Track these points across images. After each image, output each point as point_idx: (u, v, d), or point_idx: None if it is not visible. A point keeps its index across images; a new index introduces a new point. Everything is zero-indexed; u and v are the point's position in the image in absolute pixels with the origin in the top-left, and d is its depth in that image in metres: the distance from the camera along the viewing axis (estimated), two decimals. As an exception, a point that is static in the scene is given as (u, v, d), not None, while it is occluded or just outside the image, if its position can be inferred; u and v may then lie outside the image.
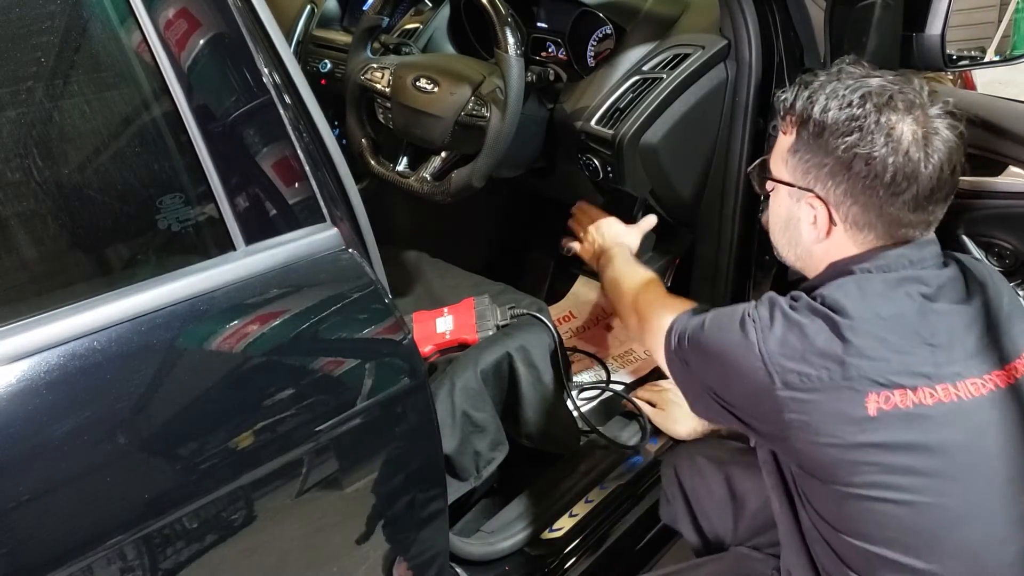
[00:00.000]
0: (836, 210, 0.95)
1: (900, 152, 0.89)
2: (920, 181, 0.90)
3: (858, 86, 0.93)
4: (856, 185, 0.92)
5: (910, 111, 0.91)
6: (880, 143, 0.90)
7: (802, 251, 1.02)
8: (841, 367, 0.88)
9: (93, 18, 0.85)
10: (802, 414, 0.89)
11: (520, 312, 1.48)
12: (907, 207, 0.92)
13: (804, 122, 0.95)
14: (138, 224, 0.86)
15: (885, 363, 0.88)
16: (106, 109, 0.85)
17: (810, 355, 0.89)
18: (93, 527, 0.76)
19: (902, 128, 0.90)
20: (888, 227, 0.94)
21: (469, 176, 1.42)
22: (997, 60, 1.95)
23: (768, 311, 0.94)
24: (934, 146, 0.90)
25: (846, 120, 0.91)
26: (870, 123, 0.90)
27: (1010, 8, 4.43)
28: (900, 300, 0.92)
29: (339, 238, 0.95)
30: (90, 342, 0.77)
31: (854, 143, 0.91)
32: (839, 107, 0.92)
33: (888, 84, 0.93)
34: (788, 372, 0.89)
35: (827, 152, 0.93)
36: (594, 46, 1.65)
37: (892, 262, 0.94)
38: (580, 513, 1.50)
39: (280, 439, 0.88)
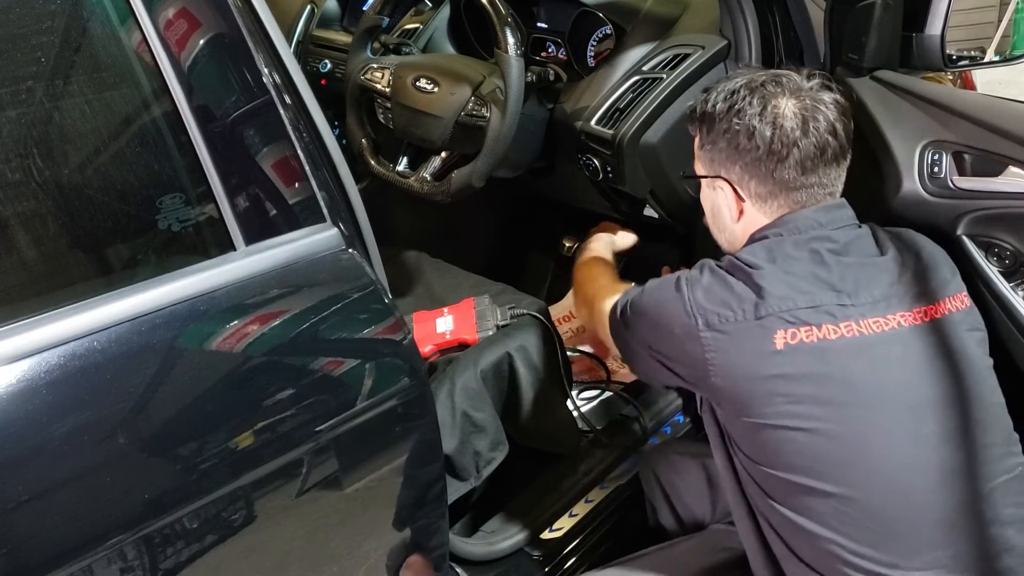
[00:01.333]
0: (740, 188, 1.06)
1: (778, 124, 1.01)
2: (802, 145, 1.01)
3: (742, 78, 1.06)
4: (746, 160, 1.03)
5: (793, 93, 1.02)
6: (758, 118, 1.01)
7: (728, 235, 1.13)
8: (755, 308, 0.97)
9: (93, 18, 0.85)
10: (720, 352, 0.98)
11: (520, 312, 1.48)
12: (795, 170, 1.02)
13: (701, 119, 1.09)
14: (138, 224, 0.86)
15: (792, 303, 0.97)
16: (106, 109, 0.85)
17: (729, 299, 0.99)
18: (93, 527, 0.76)
19: (782, 105, 1.01)
20: (786, 192, 1.04)
21: (469, 176, 1.42)
22: (997, 60, 1.95)
23: (699, 270, 1.05)
24: (814, 115, 1.01)
25: (728, 106, 1.04)
26: (748, 103, 1.02)
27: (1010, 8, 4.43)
28: (807, 254, 1.01)
29: (339, 238, 0.95)
30: (90, 342, 0.77)
31: (736, 123, 1.03)
32: (723, 98, 1.05)
33: (772, 73, 1.05)
34: (709, 314, 0.99)
35: (719, 138, 1.06)
36: (594, 46, 1.65)
37: (801, 224, 1.03)
38: (580, 513, 1.50)
39: (280, 439, 0.88)
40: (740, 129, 1.03)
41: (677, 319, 1.01)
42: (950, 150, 1.15)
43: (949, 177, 1.16)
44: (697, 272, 1.05)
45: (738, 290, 0.99)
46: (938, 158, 1.16)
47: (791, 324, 0.96)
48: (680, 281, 1.04)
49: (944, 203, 1.16)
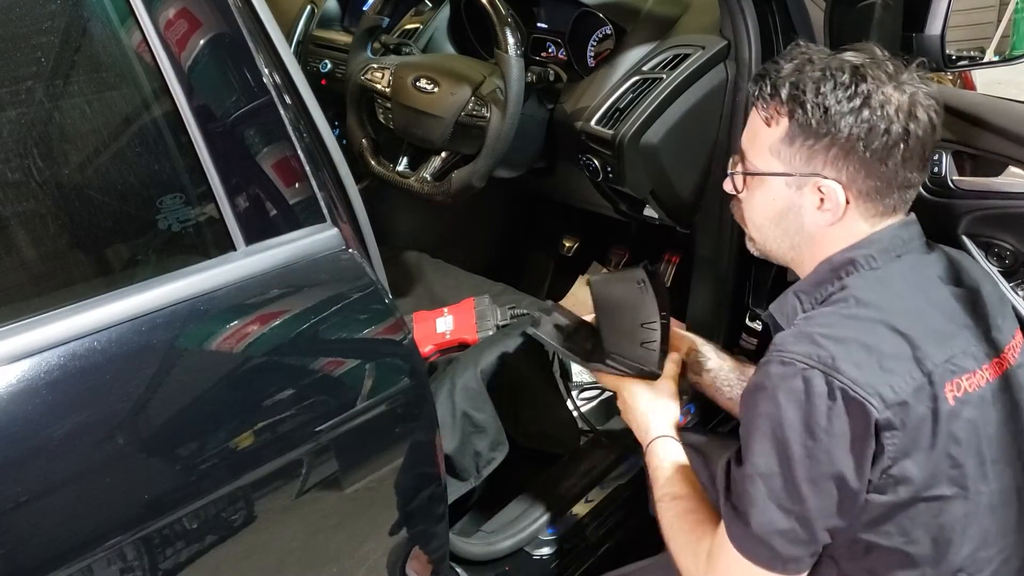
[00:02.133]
0: (850, 187, 0.94)
1: (899, 119, 0.91)
2: (925, 140, 0.92)
3: (841, 62, 0.94)
4: (869, 158, 0.92)
5: (892, 80, 0.93)
6: (883, 114, 0.91)
7: (800, 239, 1.00)
8: (917, 364, 0.86)
9: (93, 18, 0.85)
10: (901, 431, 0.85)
11: (520, 312, 1.48)
12: (915, 167, 0.93)
13: (798, 109, 0.94)
14: (138, 224, 0.86)
15: (944, 348, 0.88)
16: (106, 109, 0.85)
17: (886, 362, 0.85)
18: (93, 527, 0.76)
19: (894, 97, 0.91)
20: (900, 192, 0.95)
21: (469, 176, 1.42)
22: (997, 60, 1.95)
23: (806, 349, 0.87)
24: (921, 107, 0.92)
25: (848, 98, 0.91)
26: (873, 96, 0.91)
27: (1009, 8, 4.43)
28: (933, 280, 0.94)
29: (339, 238, 0.95)
30: (90, 342, 0.77)
31: (865, 117, 0.91)
32: (833, 88, 0.92)
33: (864, 58, 0.94)
34: (880, 387, 0.84)
35: (834, 133, 0.92)
36: (594, 46, 1.65)
37: (888, 243, 0.95)
38: (580, 513, 1.50)
39: (280, 439, 0.88)
40: (870, 125, 0.90)
41: (844, 420, 0.84)
42: (950, 150, 1.15)
43: (949, 177, 1.16)
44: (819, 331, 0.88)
45: (886, 347, 0.86)
46: (938, 158, 1.16)
47: (954, 373, 0.87)
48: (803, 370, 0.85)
49: (944, 203, 1.16)
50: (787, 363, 0.87)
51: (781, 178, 0.98)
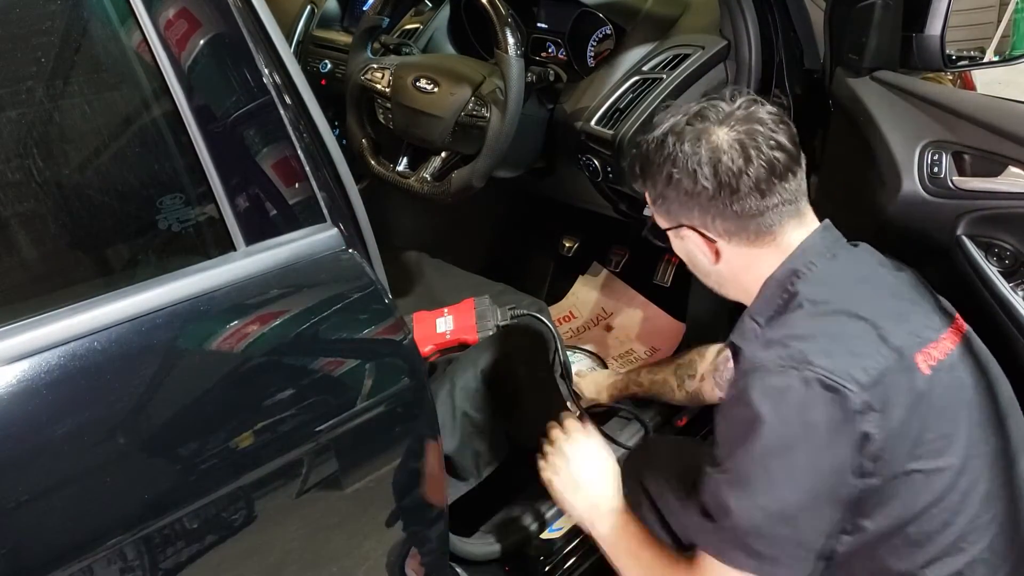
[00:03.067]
0: (706, 230, 0.99)
1: (718, 158, 0.93)
2: (750, 172, 0.93)
3: (666, 123, 0.98)
4: (701, 202, 0.96)
5: (722, 122, 0.95)
6: (696, 159, 0.94)
7: (717, 279, 1.05)
8: (883, 341, 0.88)
9: (93, 18, 0.85)
10: (882, 410, 0.86)
11: (520, 312, 1.48)
12: (753, 197, 0.94)
13: (642, 175, 1.01)
14: (138, 224, 0.86)
15: (904, 324, 0.90)
16: (106, 109, 0.85)
17: (854, 345, 0.88)
18: (93, 527, 0.76)
19: (715, 137, 0.94)
20: (754, 219, 0.96)
21: (469, 176, 1.42)
22: (997, 60, 1.95)
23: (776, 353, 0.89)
24: (751, 137, 0.93)
25: (663, 156, 0.97)
26: (680, 148, 0.95)
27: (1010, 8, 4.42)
28: (874, 269, 0.97)
29: (339, 238, 0.95)
30: (90, 342, 0.77)
31: (676, 171, 0.95)
32: (655, 148, 0.98)
33: (695, 108, 0.97)
34: (855, 371, 0.86)
35: (666, 189, 0.98)
36: (594, 46, 1.65)
37: (820, 247, 0.97)
38: (580, 513, 1.50)
39: (280, 439, 0.88)
40: (681, 176, 0.95)
41: (822, 410, 0.85)
42: (950, 150, 1.15)
43: (949, 177, 1.15)
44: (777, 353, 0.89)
45: (850, 330, 0.90)
46: (938, 158, 1.16)
47: (921, 344, 0.90)
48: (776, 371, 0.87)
49: (944, 203, 1.16)
50: (759, 368, 0.89)
51: (671, 233, 1.04)
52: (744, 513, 0.89)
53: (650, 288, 2.06)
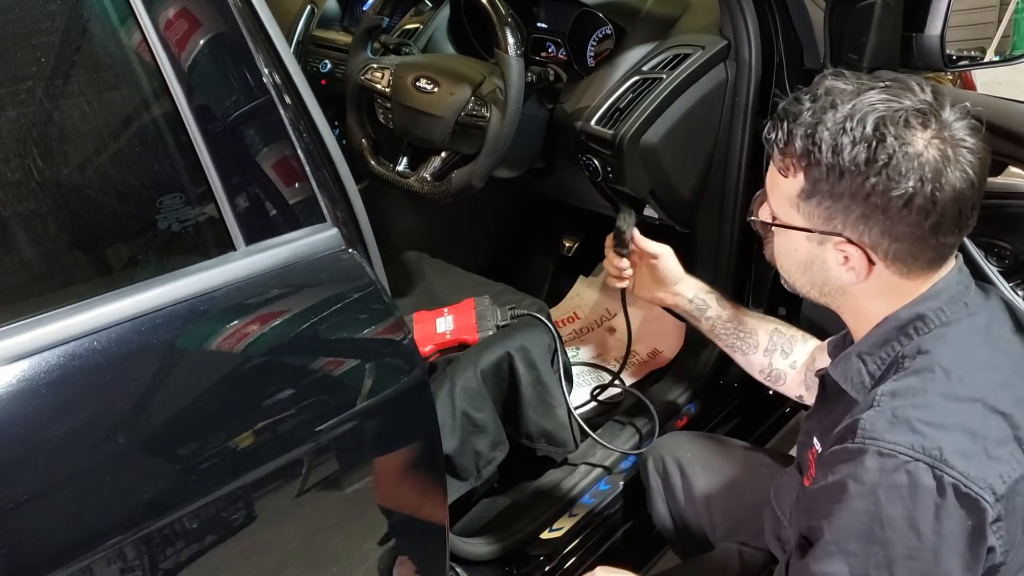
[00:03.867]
0: (874, 251, 0.85)
1: (933, 180, 0.79)
2: (960, 201, 0.81)
3: (864, 111, 0.81)
4: (894, 224, 0.82)
5: (927, 126, 0.80)
6: (911, 176, 0.79)
7: (831, 290, 0.92)
8: (1019, 444, 0.80)
9: (93, 18, 0.85)
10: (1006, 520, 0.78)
11: (520, 312, 1.48)
12: (952, 232, 0.83)
13: (813, 164, 0.84)
14: (138, 224, 0.86)
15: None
16: (106, 109, 0.85)
17: (992, 448, 0.78)
18: (93, 527, 0.76)
19: (927, 151, 0.80)
20: (937, 251, 0.85)
21: (469, 176, 1.42)
22: (997, 60, 1.95)
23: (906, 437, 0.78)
24: (963, 160, 0.81)
25: (867, 158, 0.80)
26: (895, 155, 0.79)
27: (1010, 8, 4.42)
28: (1007, 334, 0.88)
29: (339, 238, 0.95)
30: (90, 342, 0.77)
31: (884, 182, 0.80)
32: (852, 143, 0.80)
33: (893, 100, 0.81)
34: (991, 479, 0.77)
35: (853, 195, 0.82)
36: (594, 46, 1.65)
37: (955, 292, 0.88)
38: (580, 513, 1.50)
39: (280, 439, 0.88)
40: (892, 191, 0.80)
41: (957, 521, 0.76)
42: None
43: (949, 177, 1.15)
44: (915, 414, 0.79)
45: (991, 430, 0.79)
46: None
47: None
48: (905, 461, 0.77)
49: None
50: (886, 454, 0.78)
51: (804, 232, 0.89)
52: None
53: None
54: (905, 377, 0.84)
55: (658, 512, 1.39)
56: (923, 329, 0.87)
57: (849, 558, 0.81)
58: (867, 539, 0.79)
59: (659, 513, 1.39)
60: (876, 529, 0.78)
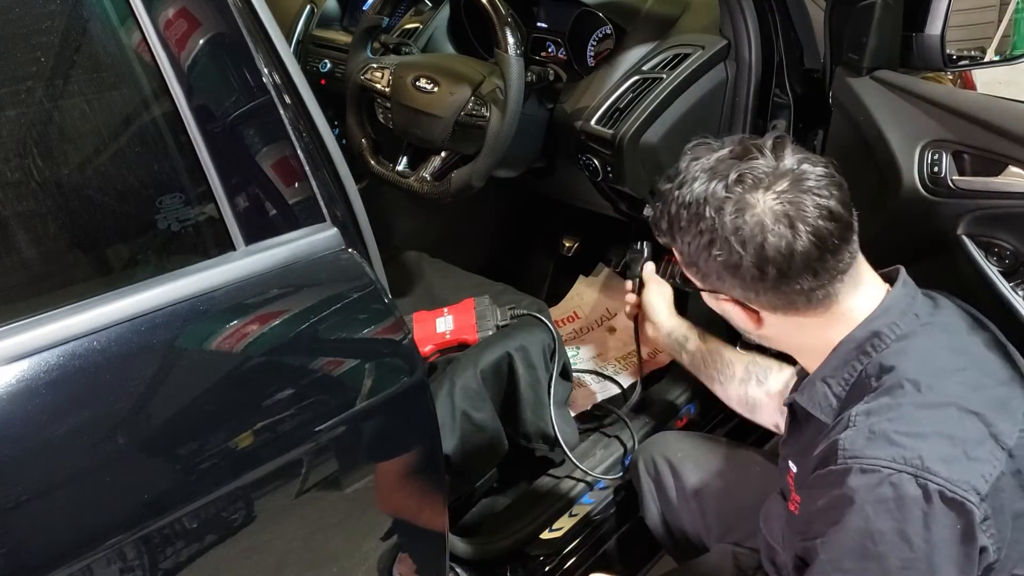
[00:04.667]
0: (749, 303, 0.91)
1: (764, 236, 0.83)
2: (800, 249, 0.83)
3: (699, 186, 0.87)
4: (747, 283, 0.87)
5: (767, 187, 0.84)
6: (737, 236, 0.84)
7: (759, 338, 0.97)
8: (996, 442, 0.81)
9: (93, 18, 0.85)
10: (996, 520, 0.79)
11: (520, 312, 1.48)
12: (805, 278, 0.85)
13: (669, 232, 0.92)
14: (138, 224, 0.86)
15: (1012, 417, 0.83)
16: (106, 109, 0.85)
17: (971, 449, 0.79)
18: (93, 527, 0.76)
19: (760, 208, 0.83)
20: (806, 296, 0.87)
21: (469, 176, 1.42)
22: (997, 60, 1.95)
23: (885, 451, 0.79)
24: (803, 209, 0.83)
25: (698, 230, 0.86)
26: (718, 220, 0.85)
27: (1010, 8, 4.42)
28: (964, 337, 0.89)
29: (339, 238, 0.95)
30: (90, 342, 0.77)
31: (717, 253, 0.86)
32: (687, 218, 0.87)
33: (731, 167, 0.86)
34: (974, 480, 0.78)
35: (702, 259, 0.89)
36: (594, 46, 1.65)
37: (904, 304, 0.90)
38: (580, 513, 1.50)
39: (280, 439, 0.88)
40: (722, 258, 0.86)
41: (947, 528, 0.77)
42: (950, 150, 1.15)
43: (949, 177, 1.15)
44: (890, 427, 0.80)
45: (968, 432, 0.80)
46: (938, 158, 1.16)
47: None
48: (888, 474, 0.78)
49: (944, 203, 1.16)
50: (868, 470, 0.79)
51: (702, 292, 0.96)
52: None
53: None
54: (877, 397, 0.85)
55: (650, 515, 1.39)
56: (880, 345, 0.88)
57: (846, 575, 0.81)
58: (861, 555, 0.80)
59: (651, 516, 1.39)
60: (869, 545, 0.79)
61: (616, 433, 1.62)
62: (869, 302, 0.91)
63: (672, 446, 1.39)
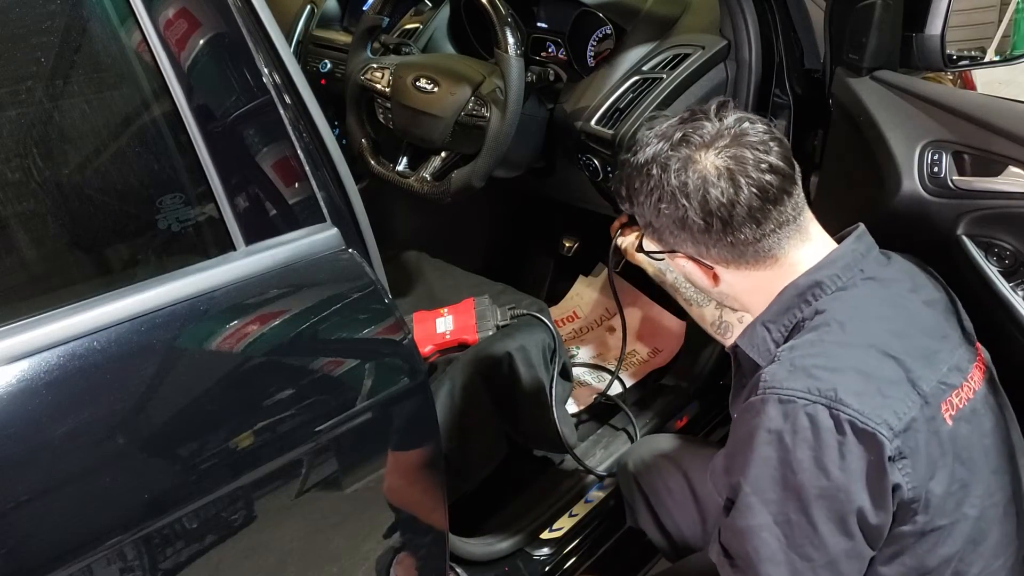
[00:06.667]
0: (702, 259, 0.95)
1: (706, 192, 0.88)
2: (741, 201, 0.87)
3: (649, 147, 0.92)
4: (695, 236, 0.91)
5: (708, 146, 0.89)
6: (682, 195, 0.89)
7: (719, 296, 1.00)
8: (912, 386, 0.84)
9: (93, 18, 0.85)
10: (912, 458, 0.82)
11: (520, 312, 1.48)
12: (749, 227, 0.89)
13: (627, 198, 0.97)
14: (138, 224, 0.86)
15: (934, 367, 0.85)
16: (106, 109, 0.85)
17: (885, 388, 0.83)
18: (93, 527, 0.76)
19: (701, 165, 0.88)
20: (753, 247, 0.91)
21: (469, 176, 1.42)
22: (997, 60, 1.95)
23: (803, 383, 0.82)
24: (740, 163, 0.87)
25: (648, 188, 0.92)
26: (665, 181, 0.90)
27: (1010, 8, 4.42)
28: (905, 293, 0.92)
29: (339, 238, 0.95)
30: (90, 342, 0.77)
31: (665, 207, 0.91)
32: (639, 181, 0.93)
33: (680, 128, 0.91)
34: (886, 415, 0.81)
35: (654, 217, 0.93)
36: (594, 46, 1.65)
37: (850, 259, 0.92)
38: (580, 513, 1.50)
39: (280, 439, 0.88)
40: (669, 212, 0.91)
41: (857, 456, 0.80)
42: (950, 150, 1.15)
43: (949, 177, 1.15)
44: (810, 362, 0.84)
45: (885, 372, 0.84)
46: (938, 158, 1.16)
47: (945, 392, 0.85)
48: (804, 404, 0.81)
49: (944, 203, 1.16)
50: (785, 400, 0.83)
51: (666, 254, 1.00)
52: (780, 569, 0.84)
53: (650, 288, 2.06)
54: (803, 335, 0.90)
55: (644, 520, 1.37)
56: (820, 295, 0.92)
57: (769, 506, 0.84)
58: (782, 485, 0.83)
59: (645, 521, 1.37)
60: (788, 474, 0.82)
61: (616, 433, 1.62)
62: (816, 257, 0.93)
63: (660, 448, 1.38)
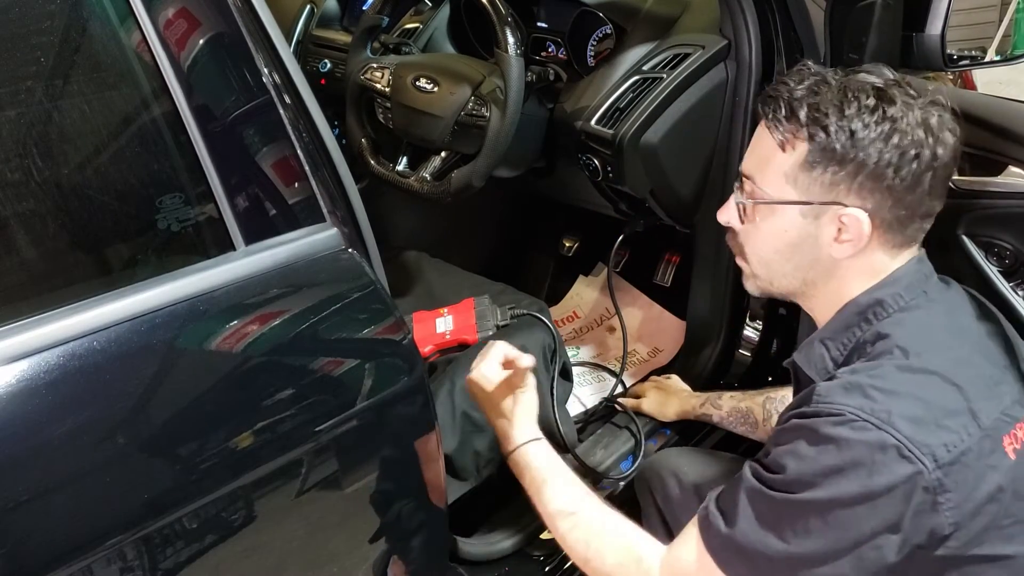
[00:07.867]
0: (874, 217, 0.88)
1: (928, 144, 0.86)
2: (947, 166, 0.88)
3: (863, 86, 0.88)
4: (897, 185, 0.87)
5: (914, 101, 0.88)
6: (913, 139, 0.86)
7: (815, 275, 0.94)
8: (973, 417, 0.82)
9: (93, 18, 0.85)
10: (958, 490, 0.80)
11: (520, 312, 1.48)
12: (937, 195, 0.90)
13: (820, 133, 0.87)
14: (138, 224, 0.86)
15: (997, 399, 0.84)
16: (106, 109, 0.85)
17: (942, 418, 0.81)
18: (93, 527, 0.76)
19: (921, 121, 0.86)
20: (921, 221, 0.91)
21: (469, 176, 1.42)
22: (997, 60, 1.95)
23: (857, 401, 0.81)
24: (947, 130, 0.88)
25: (876, 122, 0.86)
26: (900, 120, 0.86)
27: (1010, 8, 4.42)
28: (967, 319, 0.90)
29: (339, 238, 0.95)
30: (90, 342, 0.77)
31: (893, 144, 0.85)
32: (858, 110, 0.86)
33: (884, 79, 0.90)
34: (936, 447, 0.79)
35: (862, 159, 0.86)
36: (594, 46, 1.65)
37: (913, 279, 0.91)
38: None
39: (280, 439, 0.88)
40: (901, 153, 0.85)
41: (887, 477, 0.78)
42: (950, 150, 1.15)
43: (949, 177, 1.15)
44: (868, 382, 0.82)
45: (945, 402, 0.81)
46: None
47: (1009, 425, 0.83)
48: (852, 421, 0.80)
49: (944, 203, 1.16)
50: (835, 413, 0.81)
51: (795, 207, 0.91)
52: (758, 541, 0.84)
53: (650, 288, 2.06)
54: (866, 360, 0.88)
55: (660, 533, 1.35)
56: (882, 314, 0.90)
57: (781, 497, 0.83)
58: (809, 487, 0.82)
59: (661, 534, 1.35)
60: (809, 480, 0.81)
61: (617, 433, 1.62)
62: (888, 270, 0.92)
63: (678, 461, 1.36)
